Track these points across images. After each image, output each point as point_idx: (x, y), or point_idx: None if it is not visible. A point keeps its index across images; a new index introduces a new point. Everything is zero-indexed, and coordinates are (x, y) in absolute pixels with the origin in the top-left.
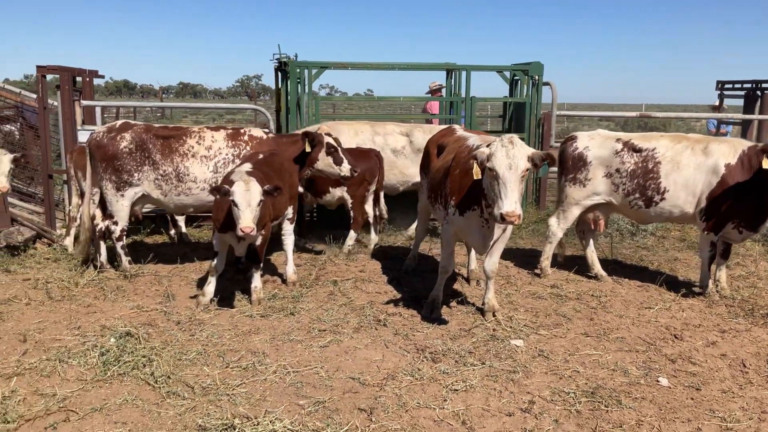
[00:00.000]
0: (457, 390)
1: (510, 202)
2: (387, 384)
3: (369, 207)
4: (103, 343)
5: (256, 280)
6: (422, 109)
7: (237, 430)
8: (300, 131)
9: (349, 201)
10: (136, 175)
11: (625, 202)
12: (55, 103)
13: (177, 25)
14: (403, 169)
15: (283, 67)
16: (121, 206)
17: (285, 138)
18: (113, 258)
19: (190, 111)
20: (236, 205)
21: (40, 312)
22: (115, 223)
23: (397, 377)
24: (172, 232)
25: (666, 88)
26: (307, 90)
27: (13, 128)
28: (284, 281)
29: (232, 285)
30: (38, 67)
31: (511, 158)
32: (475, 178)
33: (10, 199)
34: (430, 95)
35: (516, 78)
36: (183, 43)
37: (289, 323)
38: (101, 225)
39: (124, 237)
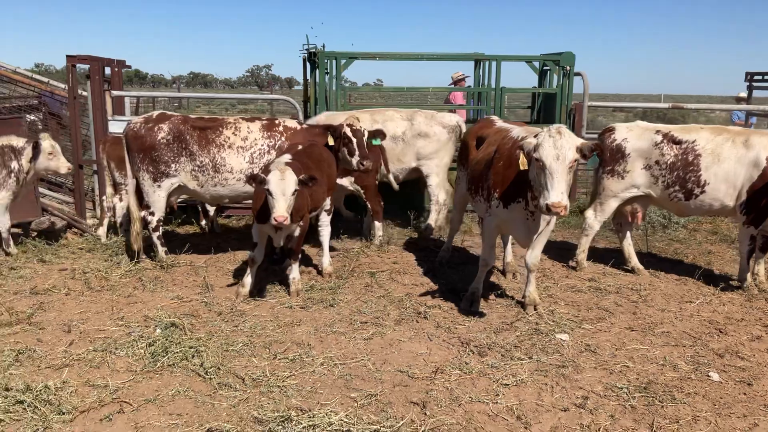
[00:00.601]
0: (507, 384)
1: (557, 193)
2: (436, 377)
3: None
4: (149, 334)
5: (295, 272)
6: (445, 100)
7: (294, 422)
8: (322, 119)
9: (362, 192)
10: (173, 165)
11: (665, 195)
12: (84, 93)
13: (187, 14)
14: (401, 156)
15: (312, 58)
16: (158, 197)
17: (318, 129)
18: (148, 248)
19: (203, 101)
20: (271, 194)
21: (80, 302)
22: (152, 214)
23: (445, 371)
24: (203, 222)
25: (686, 79)
26: (335, 80)
27: (35, 118)
28: (320, 272)
29: (268, 276)
30: (68, 56)
31: (558, 149)
32: (521, 168)
33: (40, 189)
34: (453, 86)
35: (545, 68)
36: (192, 33)
37: (329, 315)
38: (142, 214)
39: (161, 227)
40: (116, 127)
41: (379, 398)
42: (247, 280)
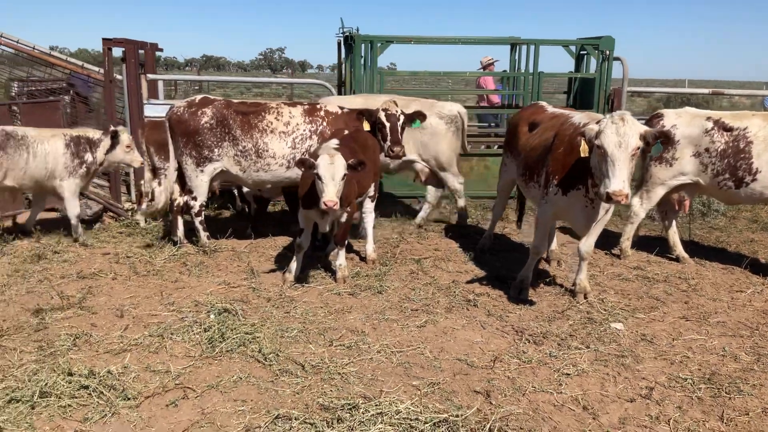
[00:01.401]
0: (569, 374)
1: (618, 181)
2: (496, 366)
3: None
4: (203, 319)
5: (341, 258)
6: (476, 84)
7: (361, 410)
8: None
9: None
10: (216, 150)
11: (714, 183)
12: (119, 77)
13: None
14: None
15: (348, 41)
16: (201, 181)
17: (357, 113)
18: (189, 233)
19: (218, 84)
20: (320, 179)
21: (128, 287)
22: (194, 199)
23: (503, 360)
24: (239, 205)
25: (709, 63)
26: (371, 64)
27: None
28: (362, 259)
29: (312, 262)
30: (104, 39)
31: (621, 136)
32: (582, 155)
33: None
34: (482, 70)
35: (582, 53)
36: (204, 15)
37: (379, 302)
38: (180, 200)
39: (203, 212)
40: (151, 110)
41: (441, 387)
42: (293, 266)
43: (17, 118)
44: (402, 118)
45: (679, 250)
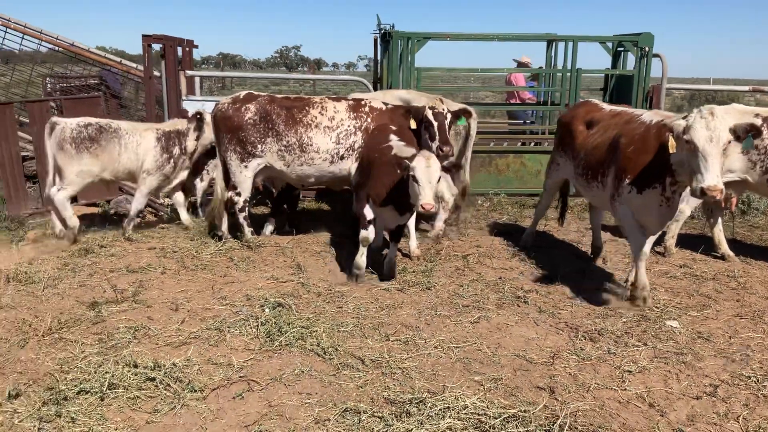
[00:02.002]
0: (631, 371)
1: (712, 175)
2: (555, 363)
3: None
4: (257, 313)
5: (393, 252)
6: (505, 81)
7: (429, 404)
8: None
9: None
10: (259, 146)
11: (763, 180)
12: (157, 73)
13: None
14: None
15: (386, 38)
16: (245, 177)
17: (401, 110)
18: (232, 228)
19: (237, 81)
20: (417, 181)
21: (179, 281)
22: (238, 194)
23: (562, 356)
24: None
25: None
26: (409, 61)
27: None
28: (405, 255)
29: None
30: (144, 36)
31: (711, 130)
32: (671, 152)
33: None
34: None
35: (620, 49)
36: (219, 13)
37: (428, 298)
38: (224, 196)
39: (247, 208)
40: (190, 106)
41: (504, 382)
42: (361, 261)
43: (56, 114)
44: (449, 116)
45: (724, 248)
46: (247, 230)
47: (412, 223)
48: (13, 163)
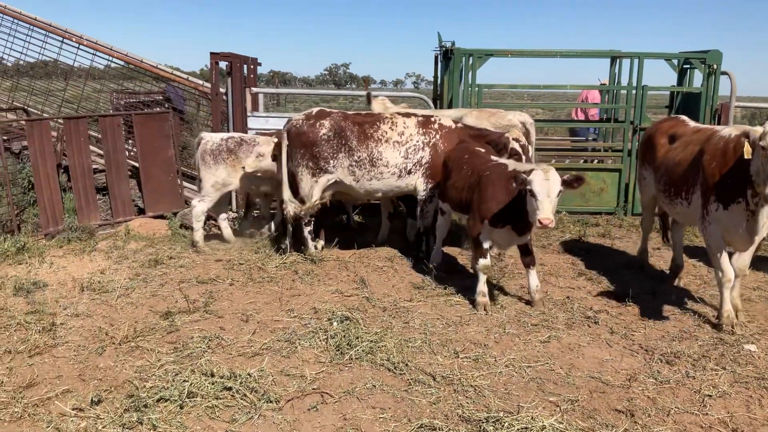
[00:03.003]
0: (711, 396)
1: None
2: (632, 386)
3: None
4: (326, 326)
5: (534, 279)
6: (582, 98)
7: (505, 425)
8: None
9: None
10: (331, 162)
11: None
12: (223, 90)
13: (264, 13)
14: None
15: (448, 55)
16: (314, 192)
17: (473, 131)
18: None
19: (289, 97)
20: (535, 195)
21: (247, 293)
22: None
23: (638, 379)
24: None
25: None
26: (470, 78)
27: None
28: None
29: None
30: (212, 54)
31: None
32: (745, 157)
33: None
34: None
35: (686, 66)
36: (270, 32)
37: (497, 315)
38: (290, 209)
39: (312, 222)
40: (254, 123)
41: (581, 404)
42: (483, 288)
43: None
44: (530, 149)
45: None
46: (311, 244)
47: None
48: (85, 175)
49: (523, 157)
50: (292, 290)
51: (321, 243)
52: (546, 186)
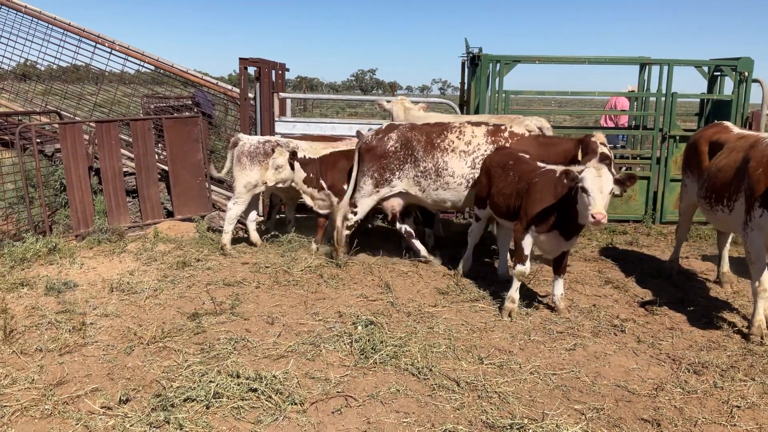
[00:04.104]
0: (739, 407)
1: None
2: (659, 395)
3: None
4: (351, 330)
5: (560, 287)
6: (611, 105)
7: (530, 431)
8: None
9: None
10: (397, 173)
11: None
12: (251, 95)
13: (293, 19)
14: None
15: (475, 61)
16: (370, 200)
17: (543, 138)
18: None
19: (316, 103)
20: (587, 191)
21: (273, 296)
22: (354, 213)
23: (665, 388)
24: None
25: None
26: (497, 84)
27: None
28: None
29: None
30: (241, 59)
31: None
32: None
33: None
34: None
35: (716, 74)
36: (299, 37)
37: (522, 322)
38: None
39: (353, 228)
40: (282, 127)
41: (606, 413)
42: (515, 295)
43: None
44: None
45: None
46: (421, 249)
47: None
48: (116, 177)
49: (612, 162)
50: (317, 294)
51: (315, 246)
52: (599, 182)
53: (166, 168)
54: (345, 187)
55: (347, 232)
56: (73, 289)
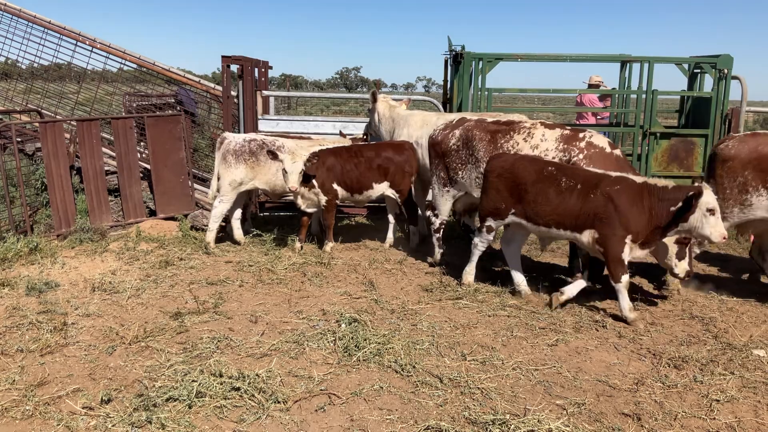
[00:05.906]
0: (719, 400)
1: None
2: (639, 389)
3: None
4: (334, 328)
5: (625, 300)
6: (576, 102)
7: (512, 427)
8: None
9: (397, 197)
10: (460, 173)
11: None
12: (234, 93)
13: (273, 16)
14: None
15: (458, 59)
16: (444, 201)
17: (624, 159)
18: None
19: (300, 101)
20: (713, 212)
21: (256, 294)
22: (436, 215)
23: (646, 383)
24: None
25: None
26: (480, 82)
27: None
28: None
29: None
30: (223, 57)
31: None
32: None
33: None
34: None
35: (696, 71)
36: (281, 36)
37: (505, 318)
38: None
39: (442, 230)
40: (265, 125)
41: (588, 407)
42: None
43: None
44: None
45: None
46: (437, 251)
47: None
48: (97, 176)
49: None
50: (300, 292)
51: (299, 245)
52: (714, 203)
53: (148, 166)
54: (334, 185)
55: (437, 235)
56: (54, 289)
